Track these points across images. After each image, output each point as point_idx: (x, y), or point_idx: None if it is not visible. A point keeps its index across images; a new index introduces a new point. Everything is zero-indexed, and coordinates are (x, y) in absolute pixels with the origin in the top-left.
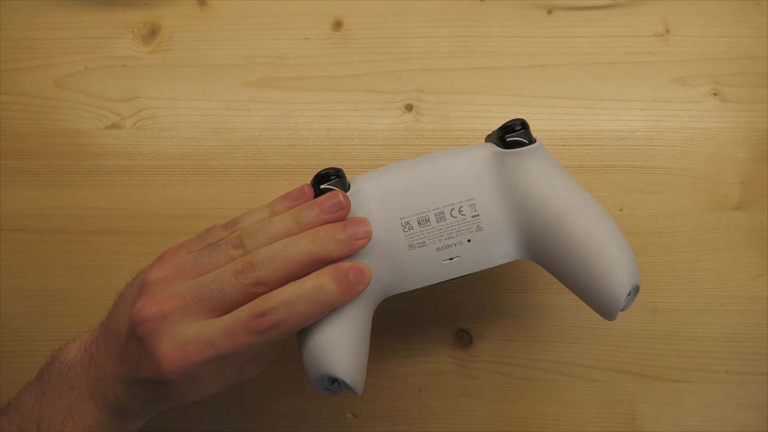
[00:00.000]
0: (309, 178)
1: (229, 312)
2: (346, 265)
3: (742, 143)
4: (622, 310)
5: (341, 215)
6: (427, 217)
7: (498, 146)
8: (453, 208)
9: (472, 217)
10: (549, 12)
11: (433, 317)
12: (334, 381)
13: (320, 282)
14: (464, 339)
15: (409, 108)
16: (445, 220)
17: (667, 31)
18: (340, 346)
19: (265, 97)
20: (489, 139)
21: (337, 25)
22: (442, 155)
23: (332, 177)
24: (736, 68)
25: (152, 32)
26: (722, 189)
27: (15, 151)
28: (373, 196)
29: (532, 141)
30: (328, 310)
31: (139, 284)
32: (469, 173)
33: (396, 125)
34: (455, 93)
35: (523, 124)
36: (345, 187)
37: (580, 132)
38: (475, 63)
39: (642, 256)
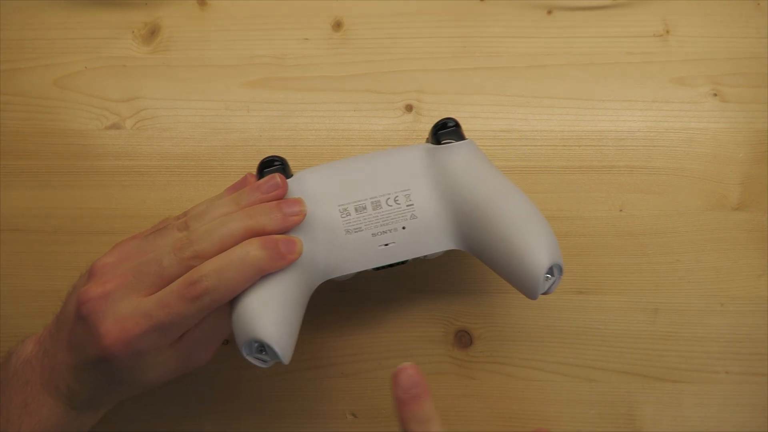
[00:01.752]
0: None
1: None
2: (277, 236)
3: (742, 144)
4: (546, 292)
5: (278, 194)
6: (364, 205)
7: (432, 143)
8: (389, 198)
9: (407, 206)
10: (549, 12)
11: (433, 317)
12: (262, 349)
13: (248, 248)
14: (464, 339)
15: (409, 108)
16: (381, 208)
17: (667, 32)
18: (269, 312)
19: (265, 97)
20: (427, 140)
21: (337, 25)
22: (382, 151)
23: (275, 164)
24: (736, 68)
25: (152, 32)
26: (722, 189)
27: (15, 151)
28: (313, 183)
29: (462, 138)
30: (257, 276)
31: (89, 270)
32: (405, 167)
33: (396, 125)
34: (455, 93)
35: (455, 122)
36: (287, 173)
37: (580, 132)
38: (475, 63)
39: (642, 257)
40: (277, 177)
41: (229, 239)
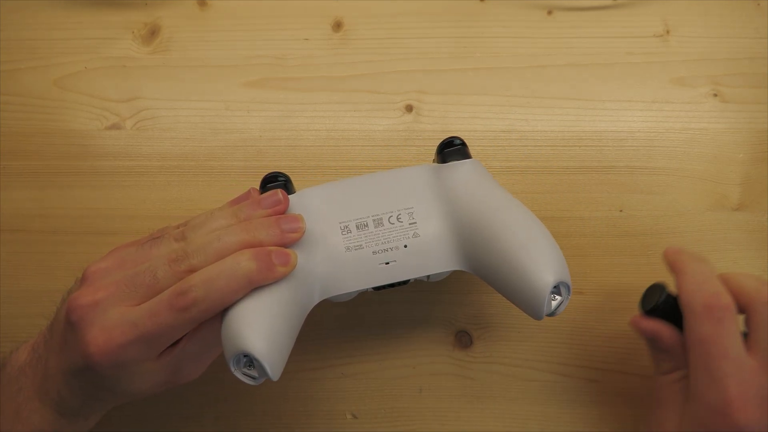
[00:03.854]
0: (309, 179)
1: None
2: (270, 247)
3: (742, 144)
4: (553, 313)
5: (279, 210)
6: (365, 222)
7: (438, 162)
8: (391, 215)
9: (410, 224)
10: (549, 12)
11: (433, 318)
12: (250, 364)
13: (239, 259)
14: (464, 340)
15: (409, 108)
16: (383, 225)
17: (668, 32)
18: (259, 325)
19: (265, 97)
20: (434, 161)
21: (337, 25)
22: (386, 171)
23: (279, 179)
24: (736, 69)
25: (152, 33)
26: (722, 190)
27: (15, 152)
28: (315, 201)
29: (467, 157)
30: (248, 288)
31: (82, 275)
32: (408, 185)
33: (396, 126)
34: (455, 94)
35: (461, 141)
36: (289, 190)
37: (580, 133)
38: (475, 63)
39: (642, 257)
40: (279, 193)
41: (225, 253)
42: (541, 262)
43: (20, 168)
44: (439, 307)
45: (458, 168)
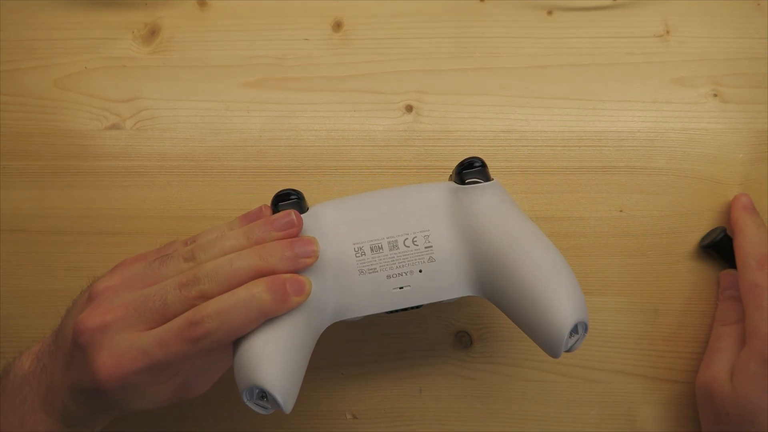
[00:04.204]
0: (309, 179)
1: None
2: (284, 275)
3: (743, 144)
4: (570, 349)
5: (292, 233)
6: (380, 245)
7: (456, 182)
8: (407, 238)
9: (426, 248)
10: (549, 13)
11: (433, 318)
12: (263, 396)
13: (253, 291)
14: (464, 340)
15: (409, 109)
16: (398, 248)
17: (667, 32)
18: (272, 358)
19: (265, 97)
20: (450, 177)
21: (337, 25)
22: (402, 188)
23: (291, 197)
24: (737, 69)
25: (152, 33)
26: (722, 190)
27: (15, 152)
28: (329, 220)
29: (488, 179)
30: (262, 320)
31: (89, 292)
32: (425, 206)
33: (396, 126)
34: (455, 94)
35: (480, 163)
36: (302, 208)
37: (580, 133)
38: (475, 64)
39: (642, 257)
40: (292, 214)
41: (237, 280)
42: (561, 302)
43: (20, 168)
44: (439, 308)
45: (478, 191)
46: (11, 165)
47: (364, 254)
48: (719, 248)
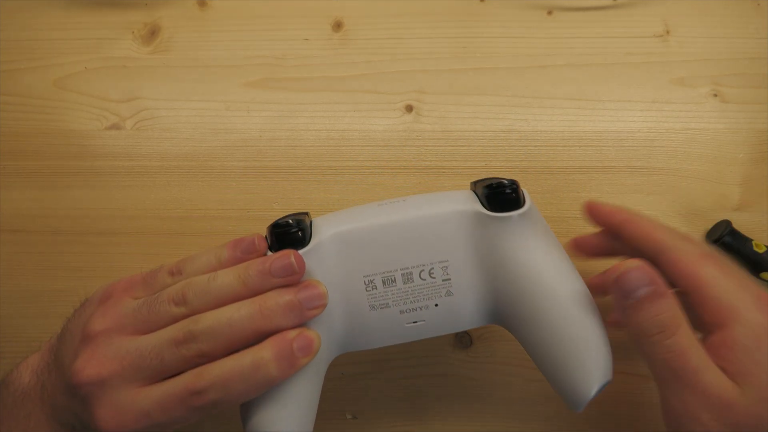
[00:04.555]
0: (309, 179)
1: (169, 377)
2: (291, 334)
3: (742, 144)
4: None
5: (292, 281)
6: (393, 277)
7: (482, 203)
8: (423, 270)
9: (443, 280)
10: (549, 13)
11: None
12: None
13: (259, 360)
14: (464, 340)
15: (409, 109)
16: (413, 281)
17: (667, 32)
18: (288, 421)
19: (265, 97)
20: (474, 187)
21: (338, 25)
22: (419, 204)
23: (291, 231)
24: (737, 69)
25: (152, 33)
26: (722, 190)
27: (15, 152)
28: (335, 248)
29: (521, 205)
30: (268, 388)
31: (82, 332)
32: (445, 231)
33: (396, 126)
34: (455, 94)
35: (514, 188)
36: (305, 237)
37: (580, 133)
38: (476, 64)
39: None
40: (292, 258)
41: (237, 340)
42: (590, 363)
43: (20, 168)
44: None
45: (509, 223)
46: (11, 165)
47: (376, 288)
48: (726, 243)
